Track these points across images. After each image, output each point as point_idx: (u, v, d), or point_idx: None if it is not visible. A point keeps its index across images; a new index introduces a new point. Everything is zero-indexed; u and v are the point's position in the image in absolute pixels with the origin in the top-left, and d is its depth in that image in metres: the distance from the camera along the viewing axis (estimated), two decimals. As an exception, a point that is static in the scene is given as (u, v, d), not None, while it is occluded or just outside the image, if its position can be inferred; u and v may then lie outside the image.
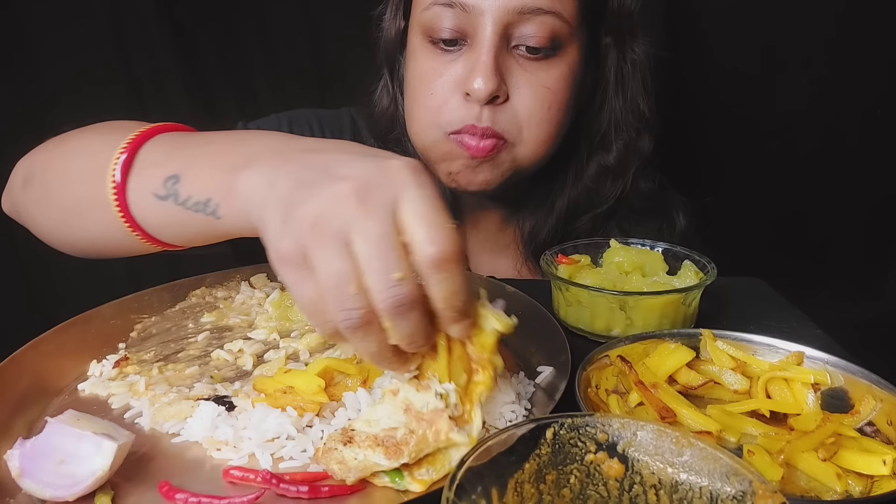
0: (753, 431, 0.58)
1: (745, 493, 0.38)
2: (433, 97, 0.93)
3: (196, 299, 0.88)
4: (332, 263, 0.49)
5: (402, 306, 0.49)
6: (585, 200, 1.05)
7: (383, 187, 0.51)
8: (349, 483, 0.51)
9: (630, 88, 1.01)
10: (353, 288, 0.49)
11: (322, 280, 0.49)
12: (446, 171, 0.96)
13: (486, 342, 0.55)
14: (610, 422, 0.43)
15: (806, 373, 0.62)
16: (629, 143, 1.03)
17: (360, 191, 0.50)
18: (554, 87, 0.92)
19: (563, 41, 0.90)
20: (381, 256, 0.48)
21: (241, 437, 0.58)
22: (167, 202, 0.65)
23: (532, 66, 0.90)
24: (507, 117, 0.91)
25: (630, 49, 1.00)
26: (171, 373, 0.71)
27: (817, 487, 0.52)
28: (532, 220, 1.08)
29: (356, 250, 0.49)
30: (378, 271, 0.48)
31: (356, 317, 0.49)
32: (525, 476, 0.42)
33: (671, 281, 0.82)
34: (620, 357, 0.64)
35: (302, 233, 0.50)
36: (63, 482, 0.50)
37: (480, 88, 0.86)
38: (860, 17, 1.52)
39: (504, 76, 0.89)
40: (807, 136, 1.63)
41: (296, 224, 0.50)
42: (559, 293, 0.82)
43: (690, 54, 1.59)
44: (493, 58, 0.87)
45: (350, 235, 0.49)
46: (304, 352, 0.74)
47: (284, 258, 0.50)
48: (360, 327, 0.50)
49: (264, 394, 0.63)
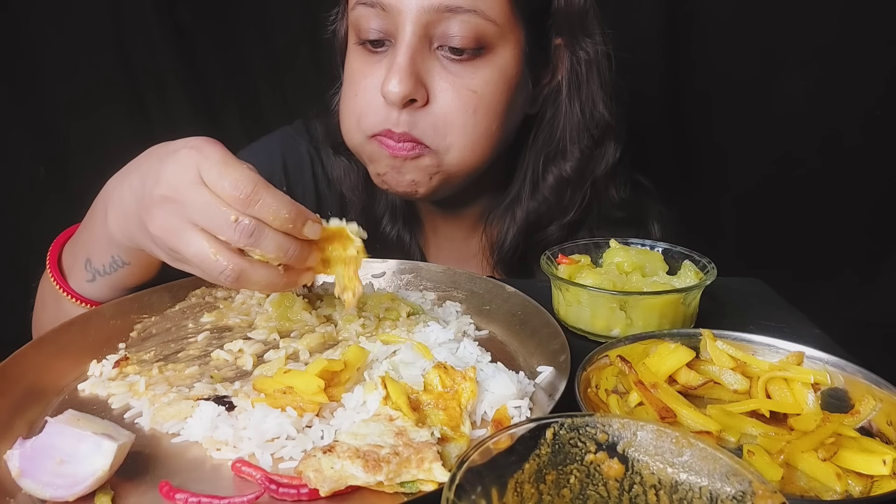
0: (753, 431, 0.58)
1: (745, 493, 0.38)
2: (357, 99, 0.91)
3: (196, 299, 0.88)
4: (190, 247, 0.64)
5: (251, 233, 0.62)
6: (547, 212, 1.00)
7: (185, 172, 0.64)
8: (323, 494, 0.50)
9: (586, 92, 0.96)
10: (212, 254, 0.64)
11: (193, 263, 0.65)
12: (375, 173, 0.95)
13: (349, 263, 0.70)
14: (610, 422, 0.43)
15: (806, 373, 0.62)
16: (588, 151, 0.97)
17: (173, 189, 0.64)
18: (480, 91, 0.87)
19: (491, 41, 0.86)
20: (215, 214, 0.63)
21: (241, 437, 0.58)
22: (97, 281, 0.82)
23: (456, 67, 0.87)
24: (426, 122, 0.87)
25: (583, 50, 0.94)
26: (171, 373, 0.71)
27: (817, 487, 0.52)
28: (495, 229, 1.05)
29: (201, 224, 0.63)
30: (219, 224, 0.63)
31: (229, 271, 0.64)
32: (525, 476, 0.42)
33: (671, 281, 0.82)
34: (620, 357, 0.64)
35: (160, 241, 0.67)
36: (63, 482, 0.50)
37: (395, 91, 0.84)
38: (860, 18, 1.52)
39: (424, 78, 0.86)
40: (807, 136, 1.63)
41: (152, 238, 0.67)
42: (559, 293, 0.82)
43: (690, 55, 1.60)
44: (408, 59, 0.84)
45: (189, 218, 0.64)
46: (304, 352, 0.74)
47: (168, 260, 0.69)
48: (238, 274, 0.64)
49: (264, 394, 0.63)
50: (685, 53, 1.59)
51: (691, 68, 1.60)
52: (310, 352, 0.74)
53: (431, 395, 0.60)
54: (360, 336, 0.77)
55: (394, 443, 0.52)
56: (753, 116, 1.62)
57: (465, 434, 0.57)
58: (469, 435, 0.57)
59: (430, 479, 0.50)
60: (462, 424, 0.58)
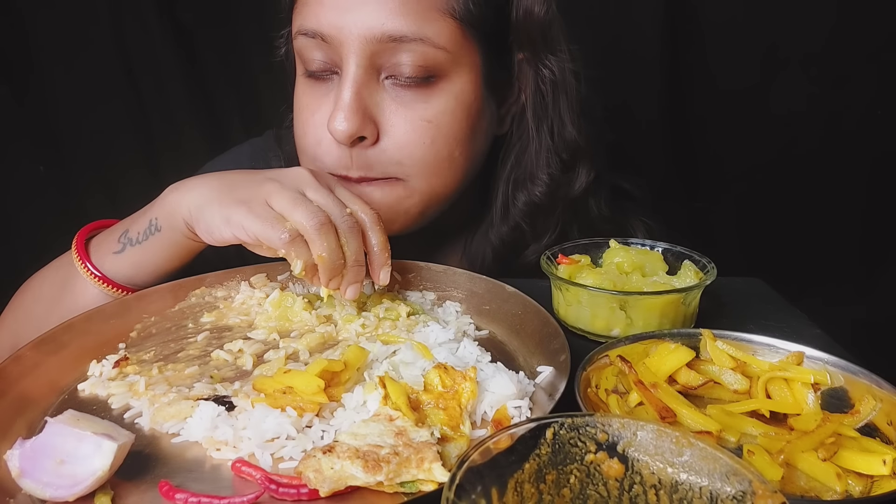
0: (753, 431, 0.58)
1: (745, 493, 0.38)
2: (307, 137, 0.86)
3: (196, 299, 0.88)
4: (298, 195, 0.72)
5: (354, 227, 0.73)
6: (521, 237, 0.96)
7: (324, 175, 0.78)
8: (322, 494, 0.50)
9: (552, 113, 0.89)
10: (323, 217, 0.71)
11: (290, 203, 0.71)
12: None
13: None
14: (610, 422, 0.43)
15: (806, 373, 0.62)
16: (556, 176, 0.92)
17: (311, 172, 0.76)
18: (436, 121, 0.82)
19: (443, 69, 0.81)
20: (335, 201, 0.74)
21: (241, 437, 0.58)
22: (124, 252, 0.82)
23: (407, 97, 0.81)
24: (381, 158, 0.83)
25: (546, 68, 0.88)
26: (171, 373, 0.71)
27: (817, 487, 0.52)
28: (473, 249, 1.01)
29: (313, 199, 0.73)
30: (335, 207, 0.73)
31: (323, 217, 0.70)
32: (525, 476, 0.42)
33: (671, 281, 0.82)
34: (620, 357, 0.64)
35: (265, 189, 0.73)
36: (63, 482, 0.50)
37: (340, 129, 0.78)
38: (860, 18, 1.52)
39: (374, 112, 0.81)
40: (806, 136, 1.63)
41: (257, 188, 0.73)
42: (559, 293, 0.82)
43: (690, 56, 1.60)
44: (353, 94, 0.78)
45: (306, 193, 0.73)
46: (304, 352, 0.74)
47: (245, 203, 0.72)
48: (325, 225, 0.70)
49: (264, 394, 0.63)
50: (685, 53, 1.59)
51: (691, 69, 1.60)
52: (310, 352, 0.74)
53: (431, 394, 0.60)
54: (360, 336, 0.77)
55: (394, 443, 0.52)
56: (754, 116, 1.62)
57: (465, 434, 0.57)
58: (469, 435, 0.57)
59: (430, 479, 0.50)
60: (462, 424, 0.58)
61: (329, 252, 0.71)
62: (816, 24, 1.53)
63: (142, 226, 0.82)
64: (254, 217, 0.71)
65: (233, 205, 0.73)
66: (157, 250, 0.82)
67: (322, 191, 0.74)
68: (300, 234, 0.70)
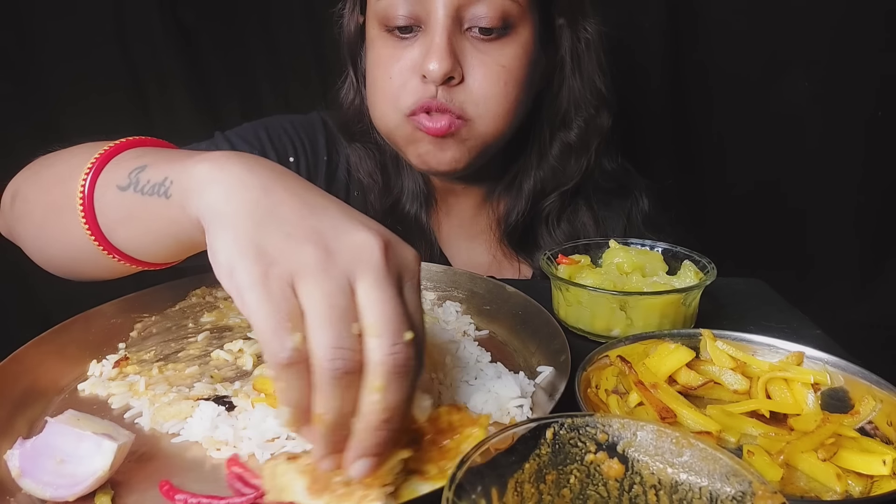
0: (753, 432, 0.58)
1: (745, 494, 0.38)
2: (391, 81, 0.95)
3: (196, 299, 0.88)
4: (338, 296, 0.45)
5: (403, 367, 0.45)
6: (552, 179, 1.08)
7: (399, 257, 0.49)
8: (267, 499, 0.48)
9: (586, 67, 1.05)
10: (355, 329, 0.45)
11: (319, 308, 0.45)
12: (415, 154, 0.98)
13: None
14: (610, 422, 0.43)
15: (806, 373, 0.62)
16: (589, 120, 1.06)
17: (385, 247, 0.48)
18: (509, 65, 0.94)
19: (515, 21, 0.93)
20: (396, 312, 0.46)
21: (241, 437, 0.58)
22: (127, 192, 0.63)
23: (486, 46, 0.93)
24: (463, 97, 0.93)
25: (583, 29, 1.03)
26: (171, 373, 0.71)
27: (817, 488, 0.52)
28: (503, 203, 1.13)
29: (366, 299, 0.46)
30: (391, 324, 0.45)
31: (349, 359, 0.44)
32: (525, 476, 0.42)
33: (671, 281, 0.82)
34: (620, 357, 0.64)
35: (301, 259, 0.46)
36: (63, 482, 0.50)
37: (435, 69, 0.89)
38: (861, 18, 1.52)
39: (459, 58, 0.92)
40: (808, 135, 1.63)
41: (293, 249, 0.47)
42: (559, 293, 0.82)
43: (691, 55, 1.60)
44: (446, 40, 0.90)
45: (360, 283, 0.46)
46: (304, 352, 0.73)
47: (264, 274, 0.46)
48: (347, 374, 0.44)
49: (264, 394, 0.63)
50: (688, 52, 1.59)
51: (693, 67, 1.60)
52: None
53: (433, 427, 0.55)
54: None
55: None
56: (755, 115, 1.62)
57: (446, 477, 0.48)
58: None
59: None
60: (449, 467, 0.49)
61: (337, 416, 0.46)
62: (817, 24, 1.53)
63: (156, 176, 0.60)
64: (259, 296, 0.46)
65: (248, 253, 0.47)
66: (156, 218, 0.61)
67: (387, 287, 0.47)
68: (306, 360, 0.45)
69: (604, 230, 1.12)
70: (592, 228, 1.11)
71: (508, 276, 1.04)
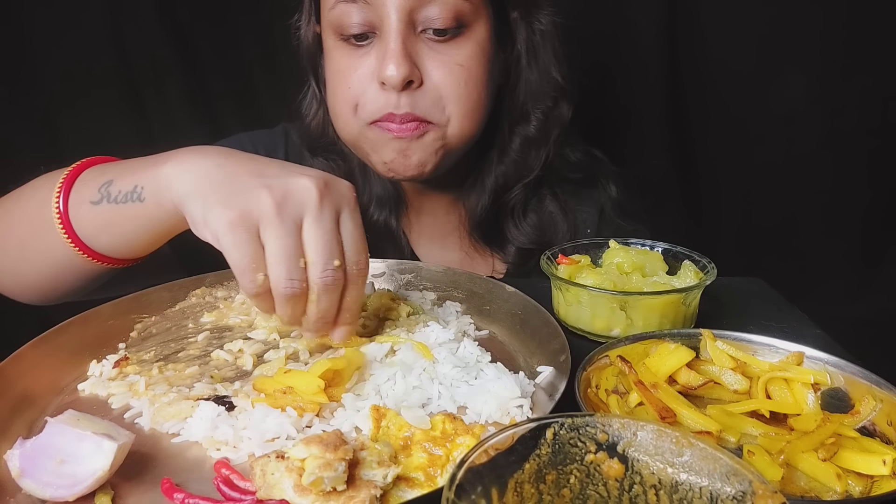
0: (753, 431, 0.58)
1: (745, 494, 0.38)
2: (351, 90, 0.95)
3: (196, 299, 0.88)
4: (288, 239, 0.62)
5: (332, 286, 0.65)
6: (514, 173, 1.08)
7: (334, 193, 0.66)
8: (257, 497, 0.49)
9: (542, 59, 1.04)
10: (301, 263, 0.63)
11: (275, 250, 0.62)
12: (380, 162, 0.98)
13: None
14: (610, 422, 0.43)
15: (806, 373, 0.62)
16: (548, 112, 1.06)
17: (322, 188, 0.65)
18: (467, 64, 0.94)
19: (469, 19, 0.93)
20: (328, 245, 0.64)
21: (241, 437, 0.58)
22: (101, 205, 0.75)
23: (442, 47, 0.93)
24: (425, 100, 0.93)
25: (537, 21, 1.03)
26: (171, 373, 0.71)
27: (817, 487, 0.52)
28: (471, 199, 1.12)
29: (307, 234, 0.63)
30: (323, 255, 0.63)
31: (297, 287, 0.63)
32: (525, 476, 0.42)
33: (671, 281, 0.82)
34: (620, 357, 0.64)
35: (259, 206, 0.62)
36: (63, 482, 0.50)
37: (393, 75, 0.88)
38: (861, 18, 1.52)
39: (416, 61, 0.91)
40: (807, 135, 1.63)
41: (252, 198, 0.62)
42: (559, 293, 0.82)
43: (690, 55, 1.60)
44: (401, 44, 0.89)
45: (304, 221, 0.63)
46: (304, 352, 0.74)
47: (232, 221, 0.61)
48: (297, 295, 0.63)
49: (264, 394, 0.63)
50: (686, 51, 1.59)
51: (691, 65, 1.60)
52: (309, 352, 0.74)
53: (427, 436, 0.56)
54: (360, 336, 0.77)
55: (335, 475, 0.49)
56: (755, 115, 1.62)
57: (436, 485, 0.52)
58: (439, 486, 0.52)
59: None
60: (440, 476, 0.53)
61: (290, 319, 0.67)
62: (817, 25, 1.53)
63: (126, 186, 0.74)
64: (232, 241, 0.62)
65: (217, 206, 0.63)
66: (134, 219, 0.74)
67: (323, 221, 0.64)
68: (268, 290, 0.64)
69: (573, 219, 1.12)
70: (560, 217, 1.12)
71: (482, 272, 1.01)
